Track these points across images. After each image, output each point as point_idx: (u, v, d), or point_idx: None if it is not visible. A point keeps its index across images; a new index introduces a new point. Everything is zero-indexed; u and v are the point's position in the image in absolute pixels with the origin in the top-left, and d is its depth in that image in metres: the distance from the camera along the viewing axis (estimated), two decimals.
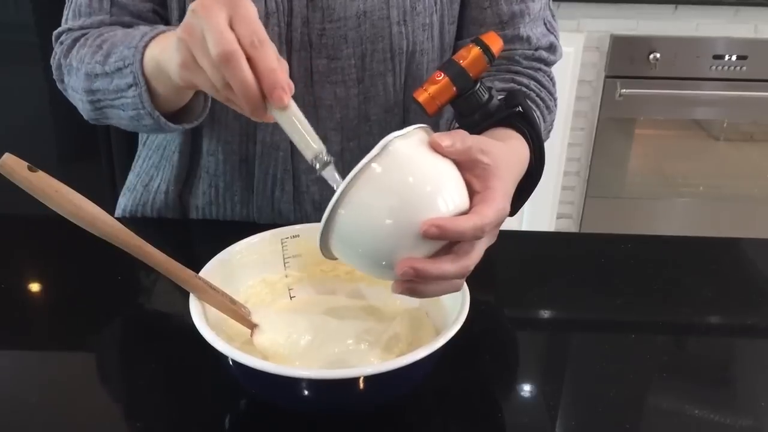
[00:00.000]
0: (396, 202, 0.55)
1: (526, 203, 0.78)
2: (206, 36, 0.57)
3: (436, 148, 0.58)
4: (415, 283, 0.57)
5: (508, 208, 0.60)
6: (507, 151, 0.65)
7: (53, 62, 0.88)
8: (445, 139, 0.58)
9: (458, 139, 0.59)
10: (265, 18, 0.82)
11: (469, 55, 0.69)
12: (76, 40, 0.84)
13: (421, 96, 0.70)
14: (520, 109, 0.72)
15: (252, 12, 0.58)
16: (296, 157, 0.91)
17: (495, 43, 0.70)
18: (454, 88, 0.70)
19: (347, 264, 0.62)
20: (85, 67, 0.80)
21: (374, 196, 0.55)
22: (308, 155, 0.61)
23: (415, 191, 0.55)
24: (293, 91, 0.59)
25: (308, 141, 0.61)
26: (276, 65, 0.58)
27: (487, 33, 0.71)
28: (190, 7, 0.59)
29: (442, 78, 0.70)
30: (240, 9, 0.58)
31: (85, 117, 0.88)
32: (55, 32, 0.89)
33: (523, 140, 0.72)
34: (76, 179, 0.82)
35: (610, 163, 2.36)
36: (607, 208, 2.42)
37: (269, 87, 0.58)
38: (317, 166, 0.60)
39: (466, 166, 0.59)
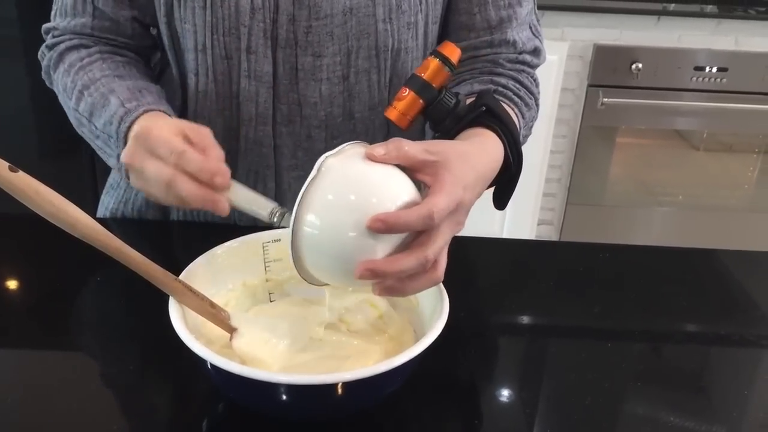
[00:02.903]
0: (342, 214, 0.58)
1: (507, 207, 0.80)
2: (147, 179, 0.69)
3: (371, 158, 0.60)
4: (390, 284, 0.59)
5: (463, 196, 0.62)
6: (461, 146, 0.68)
7: (42, 61, 0.91)
8: (379, 149, 0.61)
9: (392, 146, 0.61)
10: (251, 13, 0.82)
11: (429, 68, 0.73)
12: (62, 56, 0.88)
13: (392, 113, 0.74)
14: (485, 107, 0.75)
15: (159, 134, 0.68)
16: (279, 153, 0.91)
17: (453, 53, 0.74)
18: (421, 101, 0.74)
19: (330, 284, 0.64)
20: (71, 110, 0.86)
21: (321, 216, 0.58)
22: (265, 216, 0.66)
23: (357, 200, 0.58)
24: (229, 172, 0.66)
25: (260, 203, 0.66)
26: (200, 162, 0.65)
27: (444, 44, 0.75)
28: (123, 162, 0.72)
29: (407, 93, 0.74)
30: (150, 142, 0.68)
31: None
32: (43, 27, 0.92)
33: (495, 136, 0.75)
34: (58, 176, 0.82)
35: (592, 170, 2.38)
36: (588, 216, 2.44)
37: (208, 180, 0.65)
38: (276, 221, 0.66)
39: (416, 168, 0.62)
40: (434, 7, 0.89)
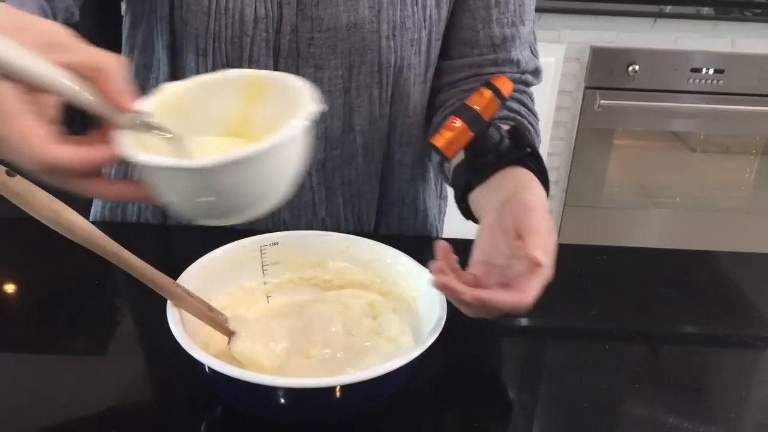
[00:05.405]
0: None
1: None
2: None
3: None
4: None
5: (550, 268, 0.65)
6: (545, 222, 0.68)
7: None
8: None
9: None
10: (254, 23, 0.82)
11: (482, 100, 0.71)
12: None
13: (439, 141, 0.71)
14: (530, 149, 0.74)
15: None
16: None
17: (505, 86, 0.72)
18: (471, 132, 0.71)
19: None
20: None
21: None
22: None
23: None
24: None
25: None
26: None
27: (498, 76, 0.72)
28: None
29: (458, 124, 0.71)
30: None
31: None
32: None
33: (537, 179, 0.73)
34: None
35: (589, 172, 2.39)
36: (585, 218, 2.44)
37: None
38: None
39: None
40: (438, 24, 0.88)
